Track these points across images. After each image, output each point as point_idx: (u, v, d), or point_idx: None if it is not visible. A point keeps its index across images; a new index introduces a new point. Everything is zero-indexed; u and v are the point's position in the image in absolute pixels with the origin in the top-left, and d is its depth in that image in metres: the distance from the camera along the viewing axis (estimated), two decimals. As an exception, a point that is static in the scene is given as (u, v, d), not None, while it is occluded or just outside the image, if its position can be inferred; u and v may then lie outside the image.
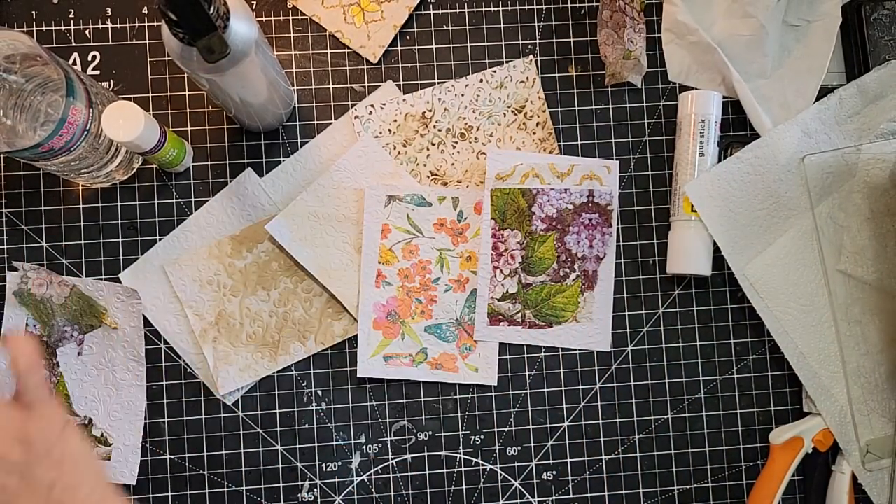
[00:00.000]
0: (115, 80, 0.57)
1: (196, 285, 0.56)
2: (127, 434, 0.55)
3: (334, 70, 0.59)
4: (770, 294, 0.57)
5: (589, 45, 0.60)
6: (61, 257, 0.56)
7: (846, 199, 0.57)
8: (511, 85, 0.59)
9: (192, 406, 0.56)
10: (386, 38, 0.58)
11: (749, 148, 0.57)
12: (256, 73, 0.46)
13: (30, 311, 0.55)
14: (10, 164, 0.57)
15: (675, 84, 0.60)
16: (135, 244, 0.57)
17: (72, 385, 0.55)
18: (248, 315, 0.56)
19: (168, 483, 0.56)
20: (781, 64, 0.59)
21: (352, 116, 0.58)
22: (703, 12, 0.59)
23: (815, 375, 0.57)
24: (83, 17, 0.58)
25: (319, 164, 0.58)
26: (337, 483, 0.57)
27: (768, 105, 0.59)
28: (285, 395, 0.57)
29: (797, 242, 0.58)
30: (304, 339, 0.57)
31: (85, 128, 0.48)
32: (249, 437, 0.57)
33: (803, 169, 0.57)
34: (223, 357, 0.56)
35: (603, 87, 0.60)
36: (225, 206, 0.57)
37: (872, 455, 0.56)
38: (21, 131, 0.49)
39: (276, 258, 0.57)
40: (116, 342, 0.55)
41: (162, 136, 0.51)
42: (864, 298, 0.57)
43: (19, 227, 0.56)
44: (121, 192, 0.57)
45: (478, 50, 0.59)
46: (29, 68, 0.49)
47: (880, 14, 0.59)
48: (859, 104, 0.58)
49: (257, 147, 0.58)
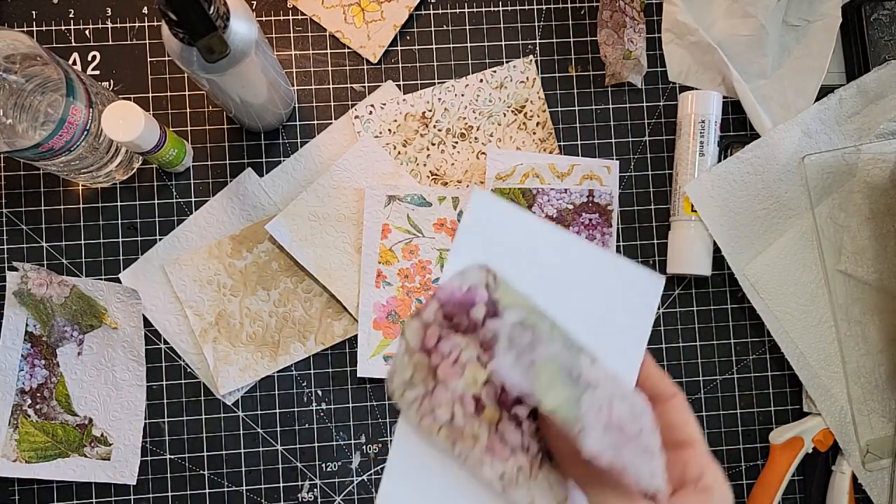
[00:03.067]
0: (115, 79, 0.57)
1: (196, 285, 0.56)
2: (127, 434, 0.55)
3: (334, 70, 0.59)
4: (770, 294, 0.57)
5: (589, 45, 0.60)
6: (61, 257, 0.56)
7: (846, 199, 0.57)
8: (511, 85, 0.59)
9: (192, 406, 0.56)
10: (386, 38, 0.58)
11: (749, 148, 0.57)
12: (256, 73, 0.46)
13: (30, 311, 0.55)
14: (10, 164, 0.57)
15: (675, 84, 0.60)
16: (135, 244, 0.57)
17: (72, 385, 0.55)
18: (248, 315, 0.56)
19: (168, 483, 0.56)
20: (781, 64, 0.59)
21: (352, 116, 0.58)
22: (703, 12, 0.59)
23: (815, 375, 0.57)
24: (83, 16, 0.58)
25: (319, 164, 0.58)
26: (337, 483, 0.57)
27: (768, 105, 0.59)
28: (285, 395, 0.57)
29: (797, 242, 0.57)
30: (304, 339, 0.57)
31: (85, 128, 0.48)
32: (249, 437, 0.57)
33: (803, 169, 0.57)
34: (223, 357, 0.56)
35: (603, 87, 0.60)
36: (225, 206, 0.57)
37: (872, 455, 0.56)
38: (21, 131, 0.49)
39: (276, 258, 0.57)
40: (116, 342, 0.55)
41: (162, 136, 0.51)
42: (865, 298, 0.57)
43: (19, 227, 0.56)
44: (121, 192, 0.57)
45: (478, 50, 0.59)
46: (29, 68, 0.49)
47: (880, 14, 0.59)
48: (859, 104, 0.58)
49: (257, 147, 0.58)
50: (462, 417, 0.28)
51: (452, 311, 0.27)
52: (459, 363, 0.27)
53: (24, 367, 0.55)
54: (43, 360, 0.55)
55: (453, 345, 0.27)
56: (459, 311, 0.27)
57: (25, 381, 0.55)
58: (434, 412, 0.28)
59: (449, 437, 0.28)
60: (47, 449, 0.54)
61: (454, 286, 0.27)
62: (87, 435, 0.55)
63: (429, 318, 0.27)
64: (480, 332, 0.27)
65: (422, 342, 0.27)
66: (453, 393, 0.27)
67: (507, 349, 0.25)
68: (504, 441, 0.28)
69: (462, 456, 0.28)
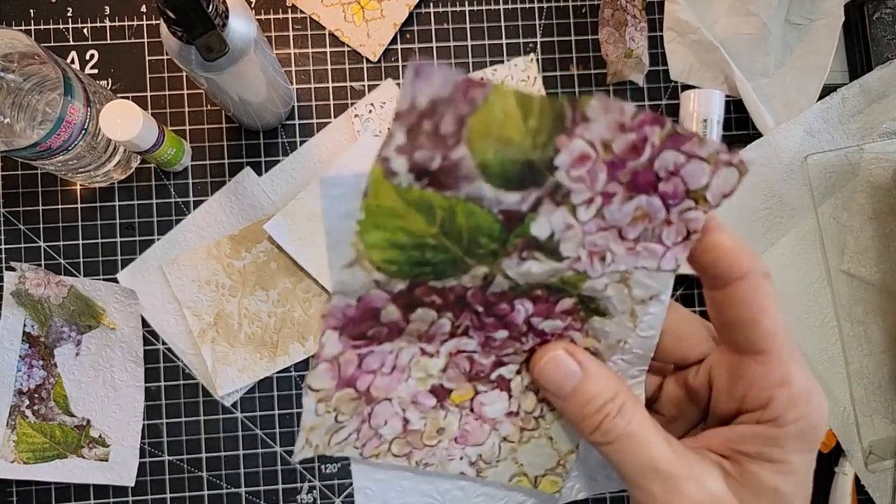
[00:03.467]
0: (113, 78, 0.57)
1: (194, 285, 0.56)
2: (125, 435, 0.55)
3: (334, 69, 0.58)
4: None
5: (590, 43, 0.60)
6: (59, 257, 0.56)
7: (849, 199, 0.57)
8: (512, 83, 0.59)
9: (190, 407, 0.56)
10: (386, 37, 0.58)
11: (751, 147, 0.56)
12: (255, 71, 0.46)
13: (28, 311, 0.54)
14: (7, 163, 0.56)
15: (677, 83, 0.60)
16: (133, 244, 0.56)
17: (70, 386, 0.55)
18: (247, 315, 0.56)
19: (167, 485, 0.56)
20: (784, 63, 0.59)
21: (351, 115, 0.58)
22: (705, 10, 0.59)
23: (817, 376, 0.57)
24: (81, 15, 0.57)
25: (319, 163, 0.57)
26: (336, 485, 0.57)
27: (771, 104, 0.58)
28: (284, 396, 0.57)
29: (800, 242, 0.57)
30: (304, 339, 0.56)
31: (83, 127, 0.48)
32: (248, 439, 0.56)
33: (806, 168, 0.57)
34: (222, 358, 0.56)
35: (604, 85, 0.60)
36: (223, 205, 0.57)
37: (875, 456, 0.56)
38: (19, 130, 0.48)
39: (274, 258, 0.57)
40: (114, 343, 0.55)
41: (160, 136, 0.51)
42: (868, 299, 0.56)
43: (17, 226, 0.56)
44: (119, 192, 0.57)
45: (478, 48, 0.59)
46: (27, 67, 0.48)
47: (883, 13, 0.59)
48: (862, 103, 0.57)
49: (256, 146, 0.58)
50: (419, 418, 0.25)
51: (357, 331, 0.23)
52: (399, 368, 0.25)
53: (22, 368, 0.54)
54: (41, 360, 0.54)
55: (382, 356, 0.24)
56: (364, 325, 0.23)
57: (23, 381, 0.54)
58: (379, 432, 0.25)
59: (404, 447, 0.26)
60: (45, 450, 0.54)
61: (340, 305, 0.22)
62: (85, 436, 0.55)
63: (332, 352, 0.23)
64: (409, 328, 0.24)
65: (337, 377, 0.24)
66: (402, 401, 0.25)
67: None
68: (482, 418, 0.26)
69: (422, 463, 0.26)
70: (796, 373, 0.22)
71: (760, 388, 0.22)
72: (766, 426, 0.22)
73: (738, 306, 0.22)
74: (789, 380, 0.22)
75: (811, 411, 0.22)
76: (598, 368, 0.24)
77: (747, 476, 0.22)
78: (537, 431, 0.26)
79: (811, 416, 0.22)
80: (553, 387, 0.24)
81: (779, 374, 0.22)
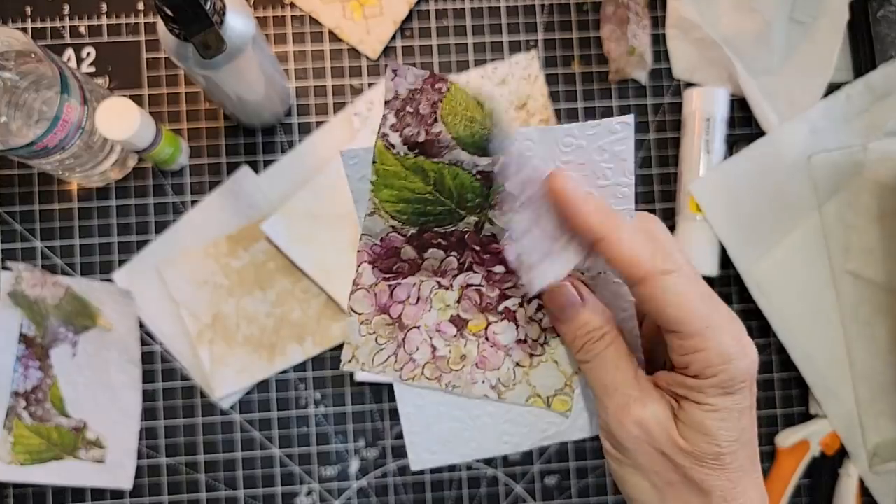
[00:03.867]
0: (110, 76, 0.57)
1: (191, 286, 0.55)
2: (122, 437, 0.54)
3: (332, 66, 0.58)
4: (776, 294, 0.56)
5: (592, 40, 0.59)
6: (56, 257, 0.55)
7: (854, 198, 0.56)
8: (513, 81, 0.58)
9: (188, 409, 0.56)
10: (385, 34, 0.57)
11: (755, 145, 0.56)
12: (253, 69, 0.45)
13: (24, 312, 0.54)
14: (3, 162, 0.56)
15: (680, 81, 0.59)
16: (130, 243, 0.56)
17: (66, 387, 0.54)
18: (245, 316, 0.56)
19: (164, 487, 0.55)
20: (788, 60, 0.58)
21: (350, 113, 0.57)
22: (709, 8, 0.58)
23: (822, 377, 0.56)
24: (78, 12, 0.57)
25: (317, 161, 0.57)
26: (336, 488, 0.56)
27: (775, 102, 0.58)
28: (282, 398, 0.56)
29: (804, 242, 0.57)
30: (302, 340, 0.56)
31: (79, 125, 0.47)
32: (246, 441, 0.56)
33: (810, 167, 0.56)
34: (219, 359, 0.55)
35: (607, 83, 0.59)
36: (221, 204, 0.56)
37: (880, 458, 0.56)
38: (15, 129, 0.48)
39: (273, 258, 0.56)
40: (111, 344, 0.55)
41: (157, 134, 0.50)
42: (873, 299, 0.56)
43: (13, 226, 0.56)
44: (115, 191, 0.56)
45: (479, 45, 0.58)
46: (23, 65, 0.48)
47: (887, 10, 0.58)
48: (867, 101, 0.57)
49: (254, 144, 0.57)
50: (444, 346, 0.30)
51: (386, 265, 0.29)
52: (422, 299, 0.30)
53: (19, 369, 0.54)
54: (37, 361, 0.54)
55: (407, 288, 0.30)
56: (390, 261, 0.29)
57: (20, 383, 0.54)
58: (412, 357, 0.30)
59: (435, 371, 0.30)
60: (42, 452, 0.54)
61: (369, 244, 0.29)
62: (81, 438, 0.54)
63: (368, 281, 0.29)
64: (425, 264, 0.29)
65: (375, 304, 0.29)
66: (428, 329, 0.30)
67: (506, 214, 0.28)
68: (496, 345, 0.30)
69: (451, 385, 0.30)
70: (711, 341, 0.26)
71: (678, 355, 0.27)
72: (690, 378, 0.27)
73: (645, 303, 0.27)
74: (701, 347, 0.26)
75: (728, 368, 0.26)
76: (596, 303, 0.29)
77: (682, 412, 0.27)
78: (544, 356, 0.31)
79: (728, 371, 0.26)
80: (558, 311, 0.30)
81: (691, 345, 0.27)
